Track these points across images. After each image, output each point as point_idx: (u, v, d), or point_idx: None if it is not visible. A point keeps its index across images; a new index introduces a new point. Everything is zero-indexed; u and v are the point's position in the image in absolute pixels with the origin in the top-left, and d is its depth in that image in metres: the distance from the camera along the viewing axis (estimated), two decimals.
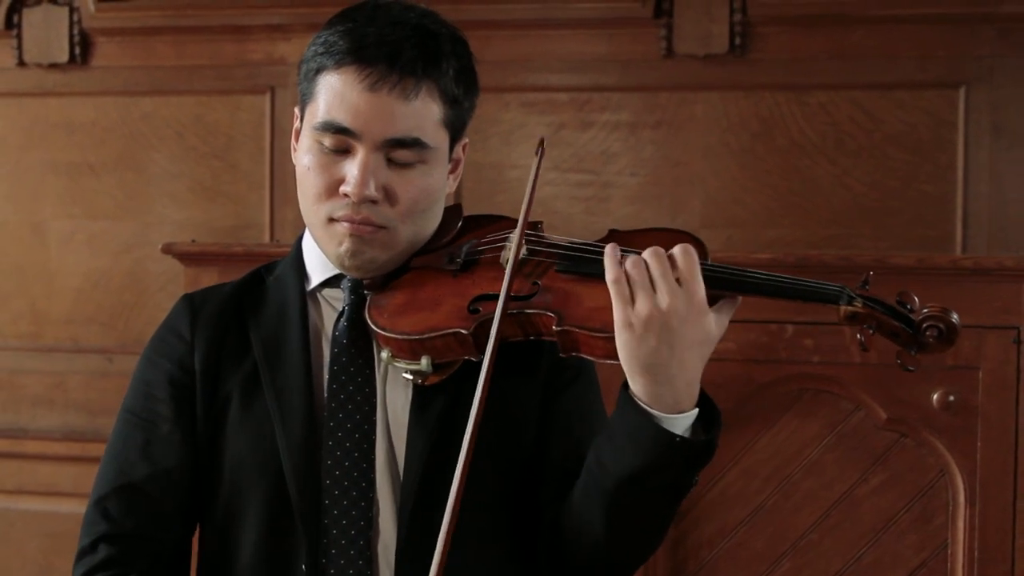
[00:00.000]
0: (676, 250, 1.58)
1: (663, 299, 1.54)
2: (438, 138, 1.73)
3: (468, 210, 1.90)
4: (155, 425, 1.79)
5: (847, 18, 3.66)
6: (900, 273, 2.69)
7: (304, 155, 1.74)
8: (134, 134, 4.03)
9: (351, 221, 1.71)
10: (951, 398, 2.68)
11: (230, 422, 1.77)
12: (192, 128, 4.00)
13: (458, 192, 3.77)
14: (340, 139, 1.69)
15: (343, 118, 1.68)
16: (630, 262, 1.57)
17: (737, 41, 3.67)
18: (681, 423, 1.59)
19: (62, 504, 3.97)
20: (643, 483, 1.61)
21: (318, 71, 1.72)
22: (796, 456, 2.76)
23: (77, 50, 4.02)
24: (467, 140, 1.85)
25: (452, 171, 1.83)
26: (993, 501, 2.68)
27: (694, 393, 1.60)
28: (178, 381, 1.80)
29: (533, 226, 1.77)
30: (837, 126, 3.68)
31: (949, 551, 2.71)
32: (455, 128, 1.77)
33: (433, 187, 1.75)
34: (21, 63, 4.06)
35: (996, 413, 2.68)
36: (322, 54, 1.71)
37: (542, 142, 1.79)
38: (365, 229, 1.71)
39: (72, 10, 4.01)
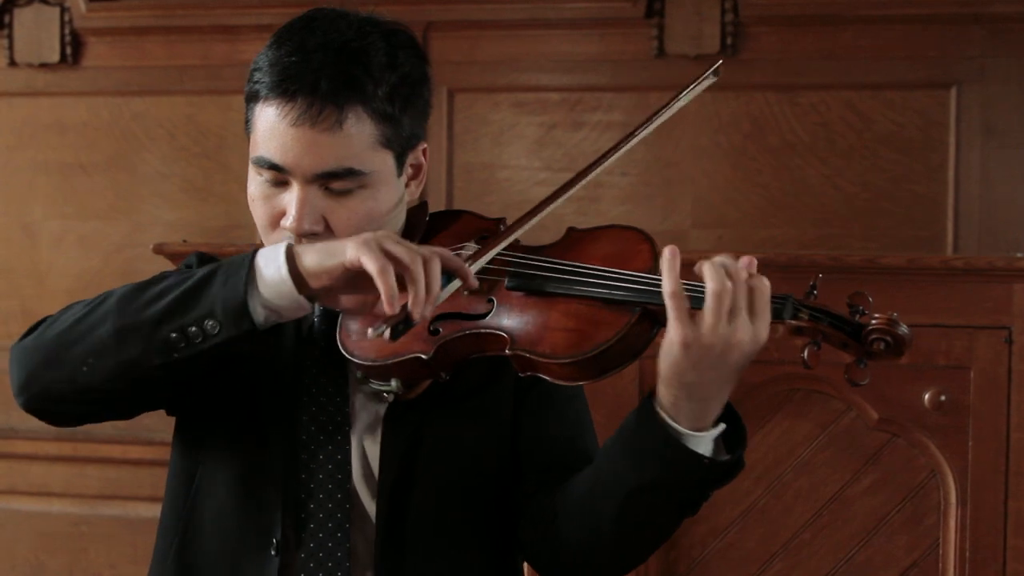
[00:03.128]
0: (753, 279, 1.49)
1: (735, 333, 1.48)
2: (375, 161, 1.68)
3: None
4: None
5: (838, 18, 3.66)
6: (891, 273, 2.70)
7: (249, 183, 1.73)
8: (125, 134, 4.02)
9: None
10: (942, 398, 2.68)
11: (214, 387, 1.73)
12: (183, 128, 4.00)
13: (448, 192, 3.77)
14: (275, 174, 1.67)
15: (273, 154, 1.66)
16: (715, 288, 1.47)
17: (728, 41, 3.68)
18: (705, 440, 1.55)
19: (53, 504, 3.97)
20: (661, 496, 1.59)
21: (252, 98, 1.70)
22: (787, 456, 2.76)
23: (68, 50, 4.01)
24: (425, 145, 1.79)
25: (413, 177, 1.78)
26: (984, 501, 2.68)
27: (720, 408, 1.56)
28: None
29: (495, 226, 1.76)
30: (828, 126, 3.68)
31: (940, 551, 2.71)
32: (398, 143, 1.71)
33: (378, 209, 1.71)
34: (12, 63, 4.05)
35: (987, 413, 2.68)
36: (255, 82, 1.69)
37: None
38: None
39: (63, 10, 4.01)
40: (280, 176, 1.67)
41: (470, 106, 3.79)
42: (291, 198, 1.67)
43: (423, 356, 1.63)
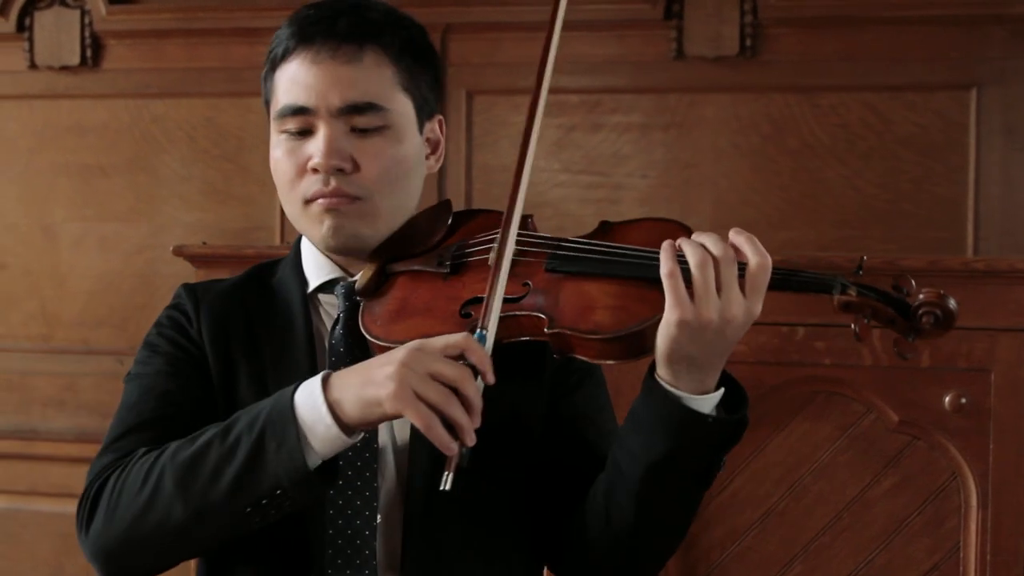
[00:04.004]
0: (752, 261, 1.53)
1: (727, 309, 1.52)
2: (396, 102, 1.74)
3: None
4: (165, 376, 1.77)
5: (857, 19, 3.65)
6: (911, 275, 2.68)
7: (273, 149, 1.77)
8: (145, 136, 4.04)
9: (323, 196, 1.72)
10: (963, 400, 2.67)
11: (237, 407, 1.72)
12: (203, 130, 4.01)
13: (468, 194, 3.78)
14: (300, 120, 1.72)
15: (296, 97, 1.71)
16: (696, 261, 1.52)
17: (747, 43, 3.67)
18: (708, 403, 1.58)
19: (73, 506, 3.95)
20: (675, 466, 1.60)
21: (272, 69, 1.77)
22: (807, 459, 2.75)
23: (88, 52, 4.03)
24: (440, 117, 1.85)
25: (432, 152, 1.83)
26: (1005, 504, 2.67)
27: (718, 375, 1.59)
28: (187, 346, 1.79)
29: (523, 221, 1.75)
30: (848, 128, 3.67)
31: (961, 554, 2.70)
32: (417, 96, 1.78)
33: (403, 156, 1.75)
34: (33, 66, 4.07)
35: (1008, 415, 2.67)
36: (273, 49, 1.76)
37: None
38: (340, 201, 1.72)
39: (83, 13, 4.03)
40: (305, 121, 1.72)
41: (489, 108, 3.79)
42: (316, 141, 1.71)
43: None
